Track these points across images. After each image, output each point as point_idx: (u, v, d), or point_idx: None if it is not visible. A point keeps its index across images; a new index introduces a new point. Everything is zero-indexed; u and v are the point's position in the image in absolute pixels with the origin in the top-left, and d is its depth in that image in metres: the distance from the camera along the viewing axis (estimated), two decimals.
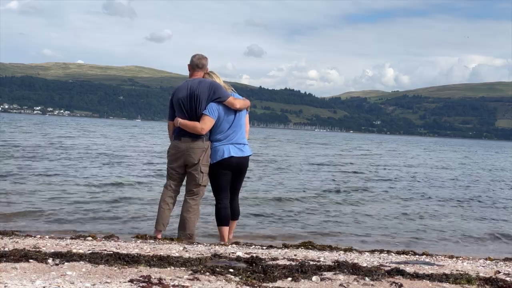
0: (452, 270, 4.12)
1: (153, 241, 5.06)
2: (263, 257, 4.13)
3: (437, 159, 29.66)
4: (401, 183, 13.96)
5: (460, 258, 5.04)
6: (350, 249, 5.27)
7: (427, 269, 4.09)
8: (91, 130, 48.16)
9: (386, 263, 4.34)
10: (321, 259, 4.35)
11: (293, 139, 55.78)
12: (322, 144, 45.88)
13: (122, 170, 13.07)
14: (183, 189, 5.56)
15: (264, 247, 5.07)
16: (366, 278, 3.54)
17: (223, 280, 3.30)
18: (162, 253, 4.09)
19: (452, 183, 14.87)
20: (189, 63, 5.52)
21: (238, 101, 5.35)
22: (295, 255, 4.54)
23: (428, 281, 3.59)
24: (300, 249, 5.13)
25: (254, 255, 4.15)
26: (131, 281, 3.13)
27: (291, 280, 3.41)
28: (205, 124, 5.26)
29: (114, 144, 25.67)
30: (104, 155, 17.71)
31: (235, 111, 5.38)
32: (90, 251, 4.00)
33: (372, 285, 3.42)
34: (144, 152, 21.26)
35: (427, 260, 4.72)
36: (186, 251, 4.41)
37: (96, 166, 13.64)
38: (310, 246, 5.32)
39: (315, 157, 24.35)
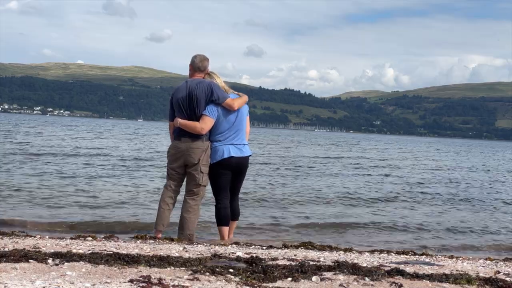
0: (452, 270, 4.12)
1: (153, 241, 5.06)
2: (263, 257, 4.13)
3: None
4: None
5: (460, 258, 5.04)
6: (350, 249, 5.27)
7: (427, 269, 4.09)
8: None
9: (386, 263, 4.34)
10: (321, 259, 4.34)
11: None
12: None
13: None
14: (183, 190, 5.57)
15: (264, 247, 5.08)
16: (366, 278, 3.54)
17: (223, 280, 3.30)
18: (162, 253, 4.09)
19: None
20: (190, 63, 5.51)
21: (237, 102, 5.35)
22: (295, 255, 4.54)
23: (428, 281, 3.59)
24: (300, 249, 5.13)
25: (254, 255, 4.15)
26: (131, 281, 3.13)
27: (291, 280, 3.41)
28: (205, 124, 5.27)
29: None
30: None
31: (236, 111, 5.38)
32: (90, 251, 4.00)
33: (372, 285, 3.42)
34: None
35: (427, 260, 4.72)
36: (186, 251, 4.41)
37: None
38: (310, 246, 5.32)
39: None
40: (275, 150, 29.75)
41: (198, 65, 5.46)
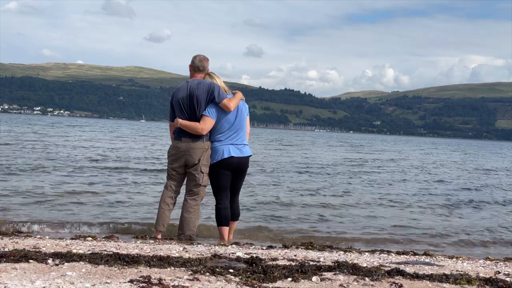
0: (452, 270, 4.12)
1: (153, 241, 5.06)
2: (263, 258, 4.13)
3: None
4: None
5: (460, 259, 5.04)
6: (350, 249, 5.28)
7: (427, 269, 4.09)
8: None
9: (386, 263, 4.34)
10: (321, 259, 4.35)
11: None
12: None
13: None
14: (183, 190, 5.57)
15: (264, 248, 5.08)
16: (366, 279, 3.54)
17: (223, 281, 3.30)
18: (162, 254, 4.09)
19: None
20: (190, 63, 5.53)
21: (233, 103, 5.35)
22: (295, 255, 4.54)
23: (428, 282, 3.59)
24: (300, 249, 5.13)
25: (254, 255, 4.15)
26: (131, 281, 3.13)
27: (291, 281, 3.41)
28: (205, 124, 5.27)
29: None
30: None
31: (236, 111, 5.39)
32: (90, 252, 4.00)
33: (372, 285, 3.42)
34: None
35: (427, 260, 4.72)
36: (186, 251, 4.41)
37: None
38: (310, 247, 5.32)
39: None
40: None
41: (197, 65, 5.47)
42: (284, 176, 13.88)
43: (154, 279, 3.20)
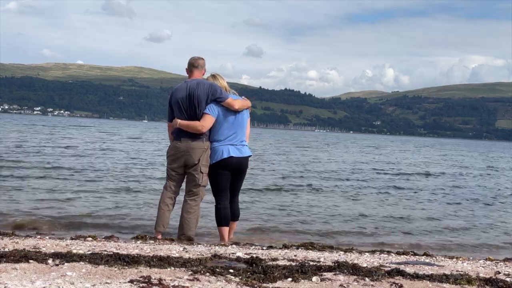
0: (452, 270, 4.12)
1: (153, 241, 5.06)
2: (263, 258, 4.13)
3: None
4: None
5: (460, 259, 5.04)
6: (350, 250, 5.28)
7: (427, 270, 4.09)
8: None
9: (386, 263, 4.34)
10: (321, 259, 4.35)
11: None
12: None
13: None
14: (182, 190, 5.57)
15: (264, 248, 5.08)
16: (366, 279, 3.54)
17: (223, 281, 3.30)
18: (162, 254, 4.09)
19: None
20: (186, 66, 5.55)
21: (237, 102, 5.36)
22: (295, 255, 4.54)
23: (428, 282, 3.59)
24: (300, 249, 5.13)
25: (254, 255, 4.15)
26: (131, 281, 3.13)
27: (291, 281, 3.41)
28: (206, 121, 5.27)
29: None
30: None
31: (236, 112, 5.39)
32: (90, 252, 4.00)
33: (372, 285, 3.42)
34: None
35: (427, 260, 4.73)
36: (186, 251, 4.41)
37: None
38: (310, 247, 5.32)
39: None
40: None
41: (192, 62, 5.49)
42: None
43: (154, 279, 3.20)
